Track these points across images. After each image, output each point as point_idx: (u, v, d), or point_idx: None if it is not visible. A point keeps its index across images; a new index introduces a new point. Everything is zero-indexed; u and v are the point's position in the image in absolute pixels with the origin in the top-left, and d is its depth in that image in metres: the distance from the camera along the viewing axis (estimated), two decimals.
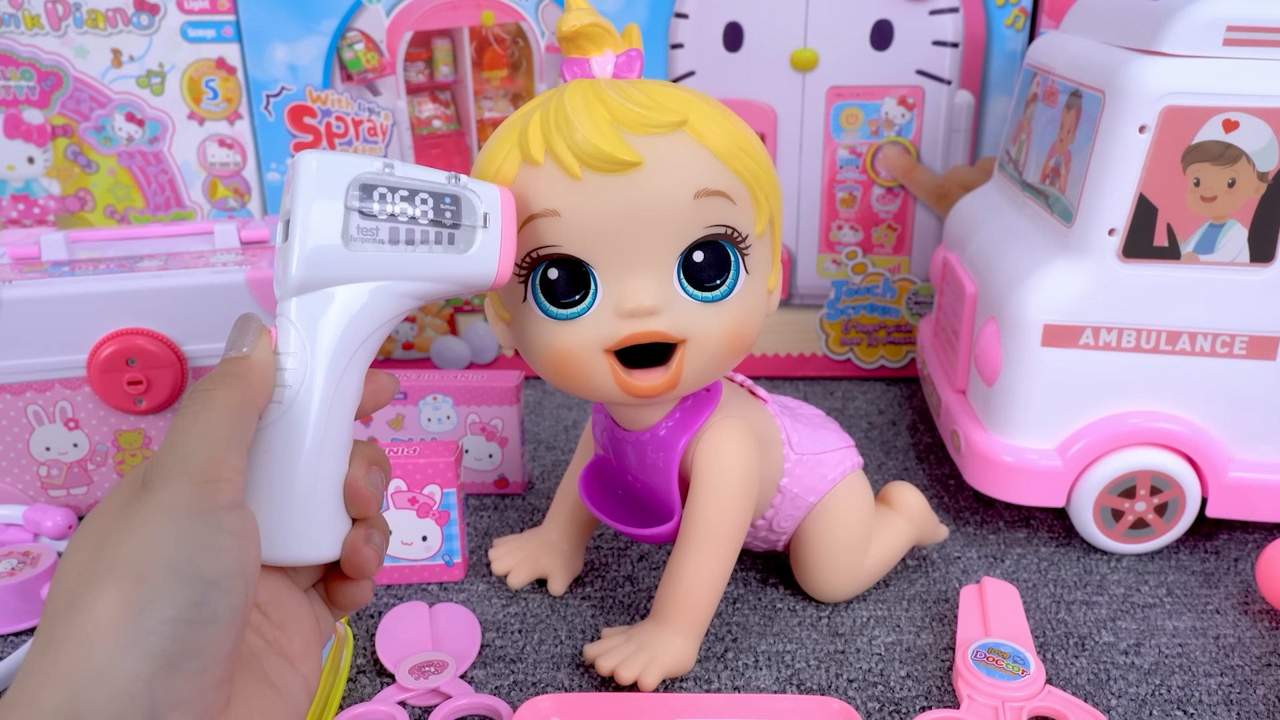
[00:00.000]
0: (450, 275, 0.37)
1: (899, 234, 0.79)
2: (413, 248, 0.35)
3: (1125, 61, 0.51)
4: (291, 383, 0.34)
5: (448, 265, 0.36)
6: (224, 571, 0.29)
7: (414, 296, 0.36)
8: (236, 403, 0.32)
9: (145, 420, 0.61)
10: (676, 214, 0.41)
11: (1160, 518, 0.57)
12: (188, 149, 0.78)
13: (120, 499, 0.30)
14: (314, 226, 0.34)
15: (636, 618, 0.53)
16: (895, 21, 0.73)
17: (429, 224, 0.36)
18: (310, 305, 0.34)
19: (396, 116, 0.76)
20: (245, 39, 0.74)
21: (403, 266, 0.35)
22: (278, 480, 0.34)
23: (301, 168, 0.34)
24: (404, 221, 0.35)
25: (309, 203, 0.34)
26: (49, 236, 0.61)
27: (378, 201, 0.35)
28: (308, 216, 0.34)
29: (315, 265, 0.34)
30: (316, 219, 0.34)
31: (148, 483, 0.30)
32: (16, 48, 0.74)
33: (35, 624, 0.52)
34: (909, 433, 0.74)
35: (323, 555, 0.35)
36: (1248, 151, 0.50)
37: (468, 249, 0.37)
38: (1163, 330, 0.54)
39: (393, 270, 0.35)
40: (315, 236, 0.34)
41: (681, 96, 0.42)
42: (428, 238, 0.36)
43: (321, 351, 0.34)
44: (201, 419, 0.31)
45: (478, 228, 0.37)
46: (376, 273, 0.35)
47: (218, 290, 0.59)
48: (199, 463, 0.30)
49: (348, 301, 0.34)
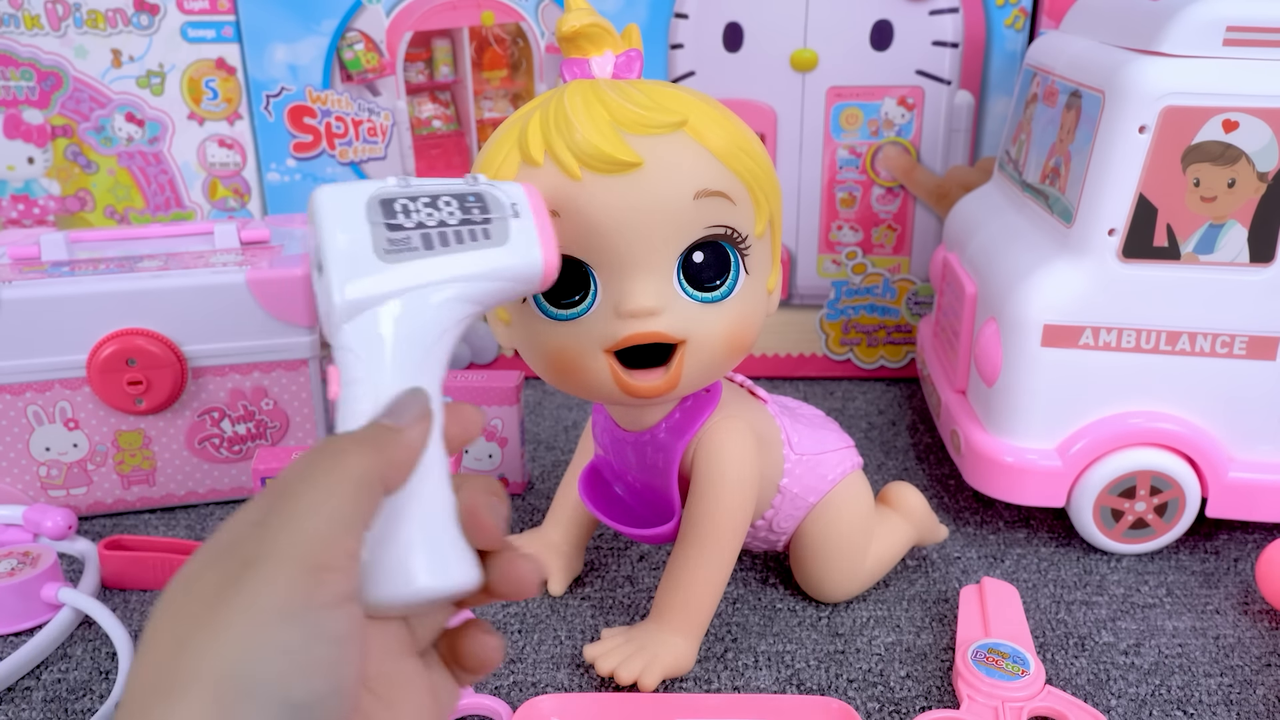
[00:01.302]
0: (495, 269, 0.35)
1: (899, 234, 0.79)
2: (449, 249, 0.34)
3: (1125, 62, 0.51)
4: (368, 409, 0.31)
5: (489, 259, 0.35)
6: (316, 694, 0.25)
7: (467, 300, 0.34)
8: (367, 474, 0.28)
9: (145, 420, 0.61)
10: (676, 214, 0.41)
11: (1160, 518, 0.57)
12: (188, 149, 0.78)
13: (215, 577, 0.25)
14: (345, 249, 0.33)
15: (636, 618, 0.53)
16: (895, 22, 0.73)
17: (459, 224, 0.35)
18: (364, 327, 0.32)
19: (396, 117, 0.76)
20: (245, 39, 0.74)
21: (444, 269, 0.34)
22: (389, 510, 0.30)
23: (318, 203, 0.34)
24: (433, 226, 0.34)
25: (334, 230, 0.33)
26: (49, 237, 0.61)
27: (402, 214, 0.34)
28: (336, 242, 0.33)
29: (357, 285, 0.32)
30: (345, 242, 0.33)
31: (248, 562, 0.25)
32: (16, 48, 0.74)
33: (35, 624, 0.52)
34: (909, 433, 0.74)
35: (463, 580, 0.31)
36: (1247, 152, 0.50)
37: (504, 240, 0.35)
38: (1162, 330, 0.54)
39: (435, 274, 0.34)
40: (349, 257, 0.33)
41: (681, 97, 0.42)
42: (461, 237, 0.35)
43: (388, 369, 0.32)
44: (323, 486, 0.27)
45: (509, 218, 0.36)
46: (420, 280, 0.33)
47: (218, 290, 0.59)
48: (310, 544, 0.26)
49: (400, 315, 0.33)
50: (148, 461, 0.62)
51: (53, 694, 0.48)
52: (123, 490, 0.62)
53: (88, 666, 0.50)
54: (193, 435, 0.62)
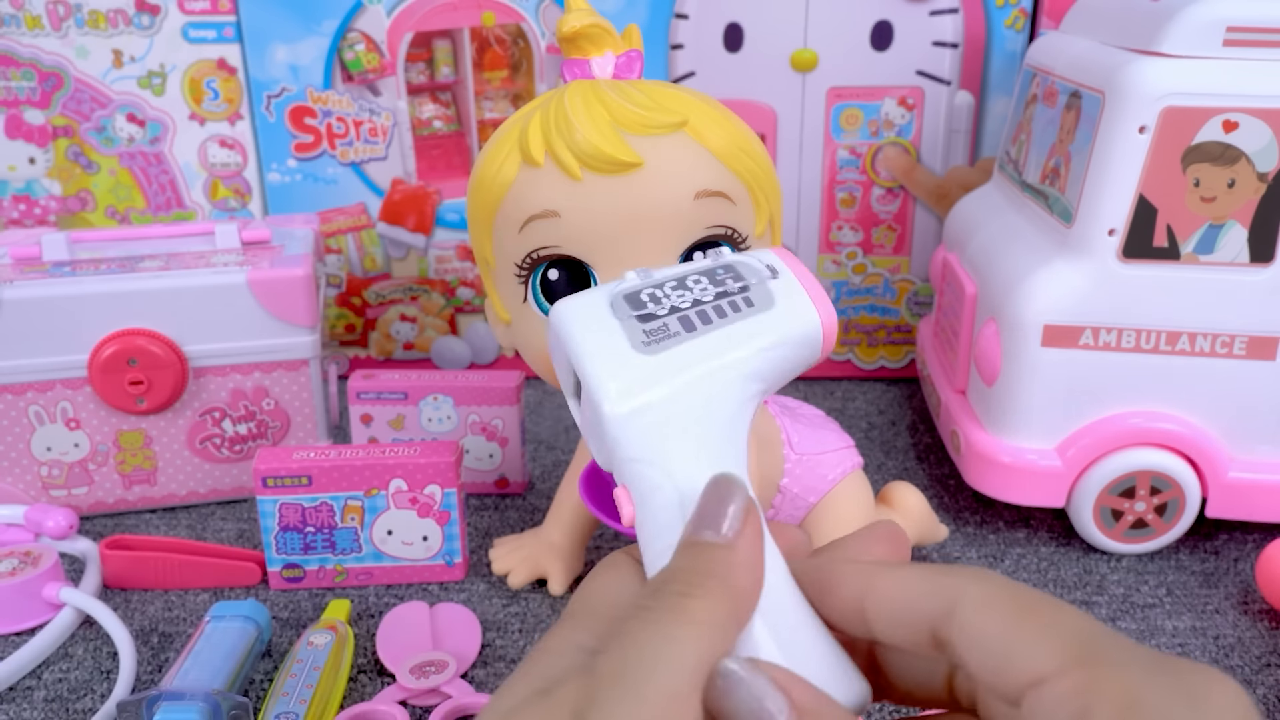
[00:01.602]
0: (767, 336, 0.31)
1: (899, 234, 0.80)
2: (711, 326, 0.30)
3: (1125, 62, 0.51)
4: (674, 519, 0.27)
5: (758, 326, 0.30)
6: None
7: (747, 375, 0.30)
8: (717, 620, 0.23)
9: (146, 420, 0.61)
10: (677, 215, 0.41)
11: (1160, 518, 0.57)
12: (189, 149, 0.78)
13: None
14: (601, 353, 0.29)
15: None
16: (895, 22, 0.73)
17: (715, 298, 0.31)
18: (645, 431, 0.28)
19: (397, 117, 0.76)
20: (246, 40, 0.74)
21: (712, 348, 0.30)
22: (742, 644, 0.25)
23: (559, 316, 0.30)
24: (689, 307, 0.30)
25: (583, 338, 0.30)
26: (50, 237, 0.61)
27: (651, 303, 0.30)
28: (589, 348, 0.29)
29: (623, 387, 0.28)
30: (598, 346, 0.29)
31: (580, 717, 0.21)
32: (18, 48, 0.74)
33: (37, 623, 0.52)
34: (909, 433, 0.74)
35: (862, 691, 0.25)
36: (1247, 152, 0.50)
37: (769, 305, 0.31)
38: (1162, 330, 0.54)
39: (705, 355, 0.29)
40: (607, 361, 0.29)
41: (681, 97, 0.42)
42: (722, 311, 0.30)
43: (685, 471, 0.28)
44: (666, 637, 0.22)
45: (767, 281, 0.31)
46: (691, 365, 0.29)
47: (219, 291, 0.60)
48: (654, 708, 0.21)
49: (681, 409, 0.29)
50: (149, 461, 0.62)
51: (54, 693, 0.48)
52: (124, 490, 0.62)
53: (89, 666, 0.50)
54: (194, 435, 0.62)
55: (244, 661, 0.47)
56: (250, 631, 0.49)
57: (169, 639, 0.52)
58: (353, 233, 0.79)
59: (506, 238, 0.43)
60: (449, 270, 0.81)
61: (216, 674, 0.45)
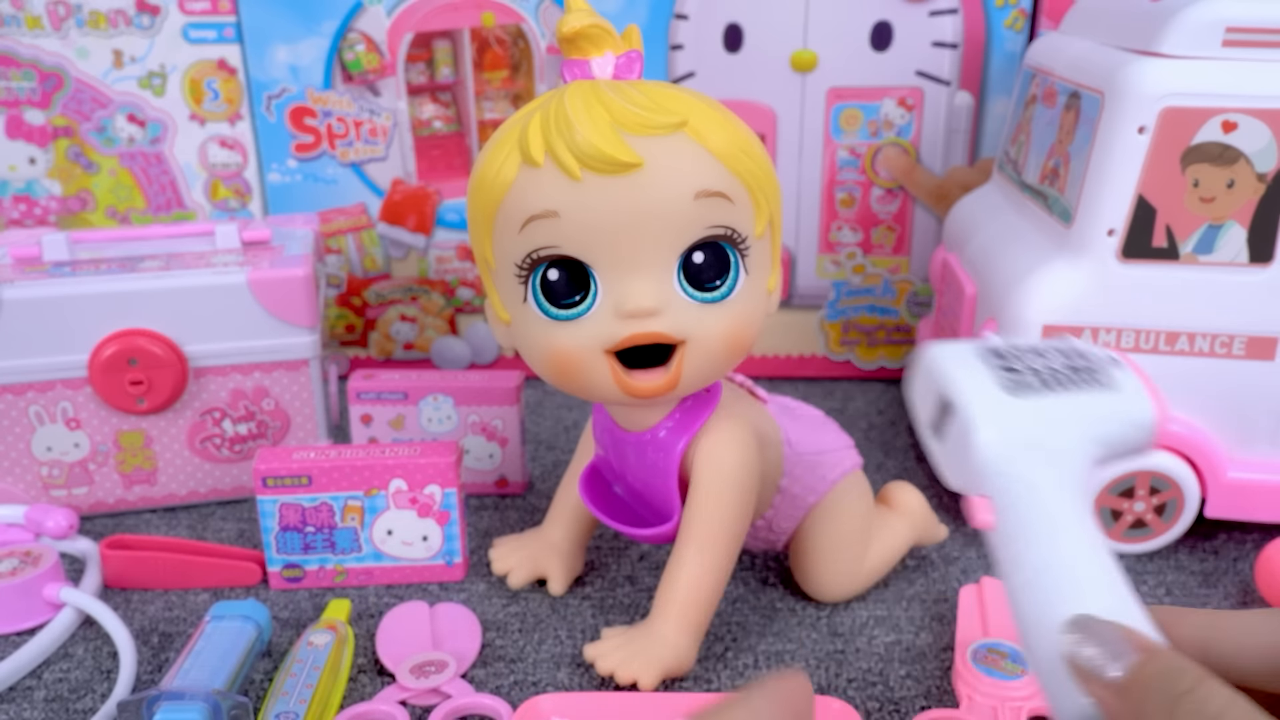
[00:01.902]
0: (1112, 411, 0.35)
1: (898, 235, 0.80)
2: (1066, 390, 0.35)
3: (1124, 62, 0.51)
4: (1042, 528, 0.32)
5: (1106, 401, 0.35)
6: None
7: (1096, 440, 0.35)
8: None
9: (146, 420, 0.61)
10: (676, 215, 0.41)
11: (1159, 518, 0.57)
12: (189, 150, 0.78)
13: None
14: (974, 389, 0.34)
15: (636, 618, 0.53)
16: (895, 23, 0.73)
17: (1066, 369, 0.36)
18: (1014, 455, 0.33)
19: (397, 117, 0.76)
20: (246, 40, 0.74)
21: (1069, 406, 0.34)
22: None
23: (935, 356, 0.36)
24: (1044, 371, 0.35)
25: (960, 377, 0.35)
26: (50, 237, 0.61)
27: (1012, 359, 0.35)
28: (963, 383, 0.34)
29: (999, 417, 0.33)
30: (972, 383, 0.34)
31: None
32: (18, 49, 0.74)
33: (36, 623, 0.52)
34: (909, 433, 0.74)
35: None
36: (1247, 152, 0.50)
37: (1113, 387, 0.35)
38: (1162, 331, 0.54)
39: (1063, 409, 0.34)
40: (979, 397, 0.34)
41: (681, 97, 0.42)
42: (1075, 380, 0.35)
43: (1047, 485, 0.33)
44: None
45: (1111, 367, 0.36)
46: (1052, 414, 0.34)
47: (219, 291, 0.60)
48: None
49: (1043, 441, 0.34)
50: (149, 461, 0.62)
51: (54, 693, 0.48)
52: (124, 490, 0.63)
53: (89, 666, 0.50)
54: (194, 435, 0.62)
55: (244, 661, 0.47)
56: (250, 631, 0.49)
57: (169, 639, 0.52)
58: (353, 233, 0.79)
59: (506, 238, 0.43)
60: (449, 270, 0.81)
61: (216, 674, 0.45)
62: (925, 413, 0.36)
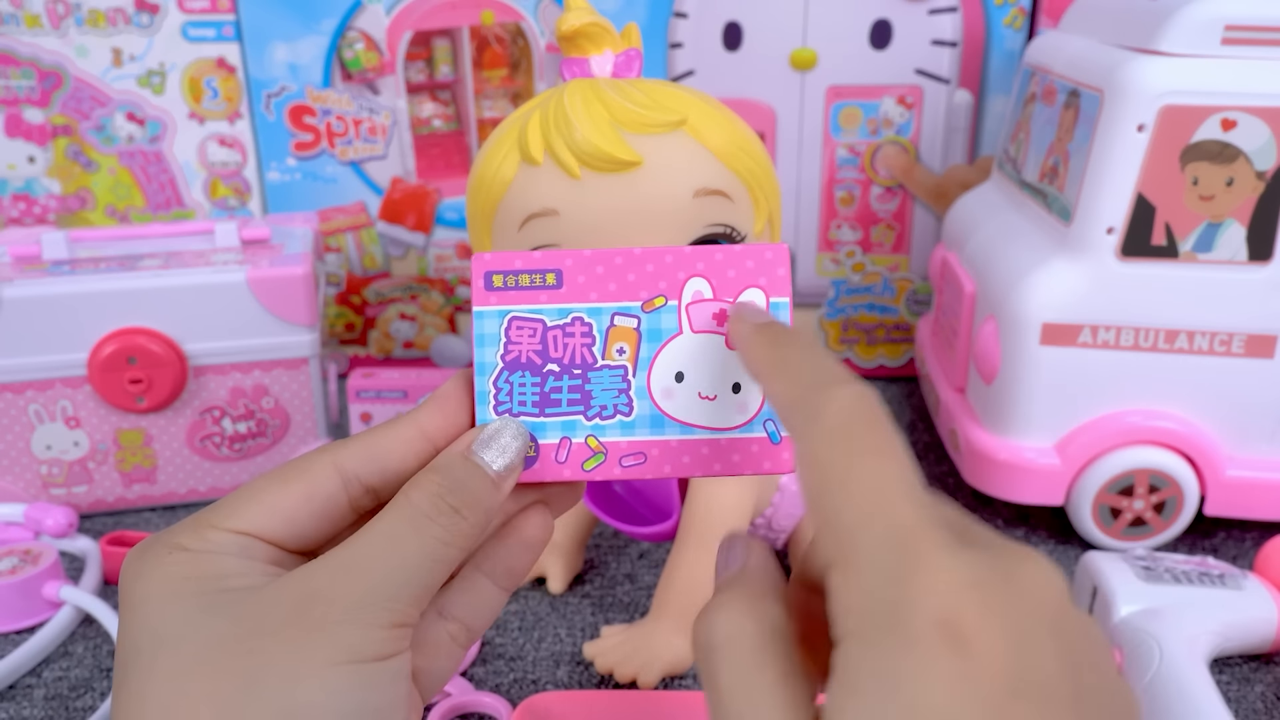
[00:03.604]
0: (1237, 609, 0.47)
1: (898, 233, 0.80)
2: (1194, 585, 0.47)
3: (1123, 61, 0.51)
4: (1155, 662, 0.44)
5: (1230, 599, 0.47)
6: None
7: (1216, 629, 0.46)
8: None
9: (146, 419, 0.61)
10: (676, 213, 0.41)
11: (1158, 516, 0.57)
12: (188, 148, 0.78)
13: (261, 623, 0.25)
14: (1119, 578, 0.48)
15: (636, 616, 0.53)
16: (894, 21, 0.73)
17: (1197, 573, 0.49)
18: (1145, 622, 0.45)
19: (396, 116, 0.76)
20: (245, 38, 0.74)
21: (1197, 597, 0.47)
22: None
23: (1088, 558, 0.50)
24: (1179, 571, 0.49)
25: (1104, 566, 0.49)
26: (50, 236, 0.61)
27: (1150, 561, 0.50)
28: (1110, 576, 0.48)
29: (1131, 599, 0.47)
30: (1113, 572, 0.48)
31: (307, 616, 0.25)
32: (17, 47, 0.74)
33: (35, 621, 0.52)
34: (908, 432, 0.74)
35: None
36: (1246, 150, 0.50)
37: (1240, 591, 0.48)
38: (1161, 329, 0.54)
39: (1191, 599, 0.47)
40: (1125, 582, 0.48)
41: (680, 96, 0.42)
42: (1204, 582, 0.48)
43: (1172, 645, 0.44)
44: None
45: (1240, 578, 0.49)
46: (1181, 600, 0.47)
47: (218, 289, 0.60)
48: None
49: (1169, 610, 0.46)
50: (149, 460, 0.62)
51: (54, 691, 0.48)
52: (124, 489, 0.63)
53: (89, 664, 0.50)
54: (193, 434, 0.62)
55: None
56: None
57: None
58: (352, 231, 0.79)
59: (506, 236, 0.43)
60: (448, 269, 0.81)
61: None
62: (1082, 600, 0.49)
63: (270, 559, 0.27)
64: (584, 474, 0.31)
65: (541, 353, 0.31)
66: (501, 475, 0.28)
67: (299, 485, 0.28)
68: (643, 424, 0.31)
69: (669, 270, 0.31)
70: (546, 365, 0.31)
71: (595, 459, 0.31)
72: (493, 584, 0.31)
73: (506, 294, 0.31)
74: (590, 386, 0.31)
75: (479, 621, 0.31)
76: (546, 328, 0.31)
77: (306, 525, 0.28)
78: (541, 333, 0.31)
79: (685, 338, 0.31)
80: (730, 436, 0.31)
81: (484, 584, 0.30)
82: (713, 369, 0.31)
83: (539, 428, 0.31)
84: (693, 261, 0.31)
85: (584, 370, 0.31)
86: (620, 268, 0.31)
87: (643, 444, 0.31)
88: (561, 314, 0.31)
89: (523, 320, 0.31)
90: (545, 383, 0.31)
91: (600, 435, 0.31)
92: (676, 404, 0.31)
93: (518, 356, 0.31)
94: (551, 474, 0.31)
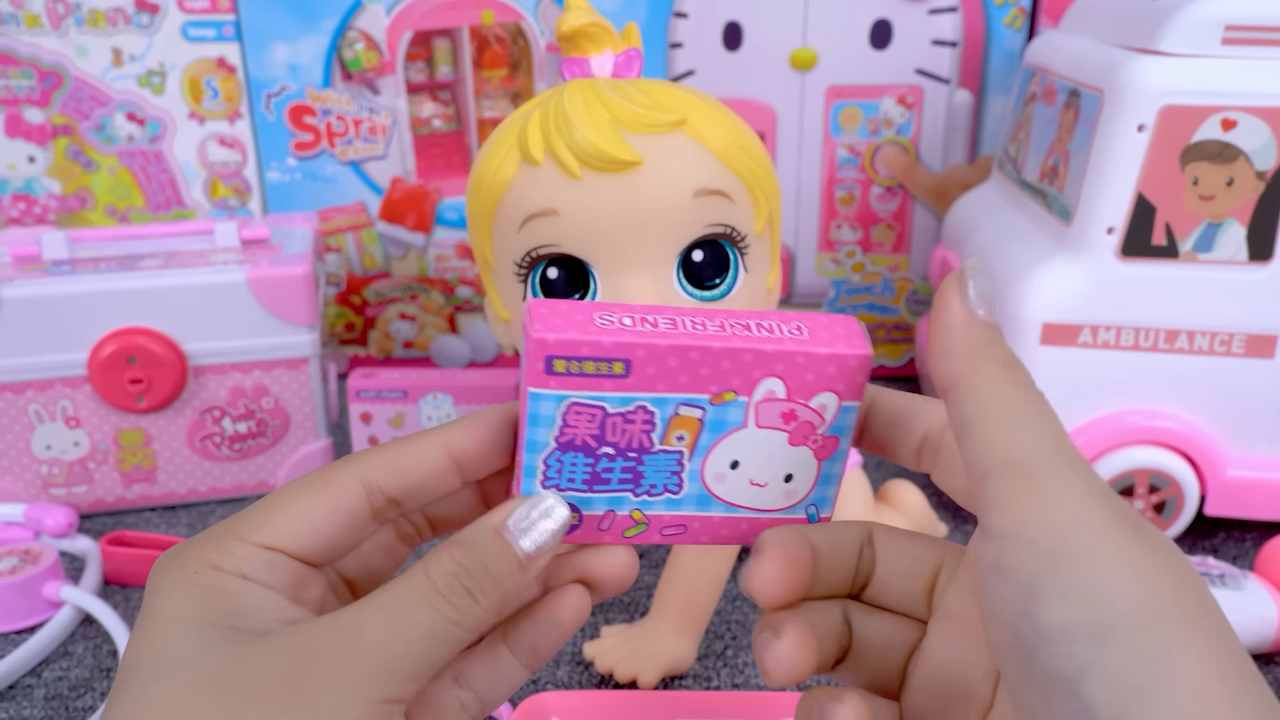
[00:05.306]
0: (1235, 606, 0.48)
1: (898, 233, 0.80)
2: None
3: (1124, 61, 0.51)
4: None
5: (1229, 600, 0.48)
6: None
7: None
8: None
9: (146, 419, 0.61)
10: (676, 213, 0.41)
11: (1159, 516, 0.57)
12: (188, 148, 0.78)
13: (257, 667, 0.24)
14: None
15: (636, 616, 0.53)
16: (894, 21, 0.73)
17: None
18: None
19: (396, 116, 0.76)
20: (245, 38, 0.74)
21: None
22: None
23: None
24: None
25: None
26: (50, 236, 0.61)
27: None
28: None
29: None
30: None
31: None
32: (17, 47, 0.74)
33: (35, 621, 0.52)
34: None
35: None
36: (1246, 150, 0.50)
37: (1239, 590, 0.49)
38: (1161, 329, 0.54)
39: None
40: None
41: (681, 96, 0.42)
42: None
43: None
44: None
45: (1239, 577, 0.50)
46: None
47: (218, 289, 0.60)
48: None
49: None
50: (149, 460, 0.62)
51: (54, 691, 0.48)
52: (124, 489, 0.63)
53: (89, 664, 0.50)
54: (193, 433, 0.62)
55: None
56: None
57: None
58: (352, 231, 0.79)
59: (506, 236, 0.43)
60: (448, 269, 0.81)
61: None
62: None
63: (293, 577, 0.26)
64: (624, 539, 0.31)
65: (598, 436, 0.29)
66: (531, 556, 0.27)
67: (323, 498, 0.27)
68: (690, 502, 0.30)
69: (745, 368, 0.29)
70: (601, 448, 0.29)
71: (637, 528, 0.31)
72: (515, 659, 0.29)
73: (568, 379, 0.29)
74: (643, 468, 0.30)
75: (494, 695, 0.29)
76: (607, 414, 0.29)
77: (331, 538, 0.27)
78: (601, 419, 0.29)
79: (749, 431, 0.30)
80: (772, 516, 0.31)
81: (506, 657, 0.29)
82: (771, 461, 0.30)
83: (585, 502, 0.30)
84: (772, 362, 0.29)
85: (639, 454, 0.30)
86: (695, 362, 0.28)
87: (685, 518, 0.31)
88: (624, 402, 0.29)
89: (582, 406, 0.29)
90: (598, 464, 0.30)
91: (646, 509, 0.30)
92: (727, 488, 0.30)
93: (572, 440, 0.29)
94: (592, 538, 0.30)
